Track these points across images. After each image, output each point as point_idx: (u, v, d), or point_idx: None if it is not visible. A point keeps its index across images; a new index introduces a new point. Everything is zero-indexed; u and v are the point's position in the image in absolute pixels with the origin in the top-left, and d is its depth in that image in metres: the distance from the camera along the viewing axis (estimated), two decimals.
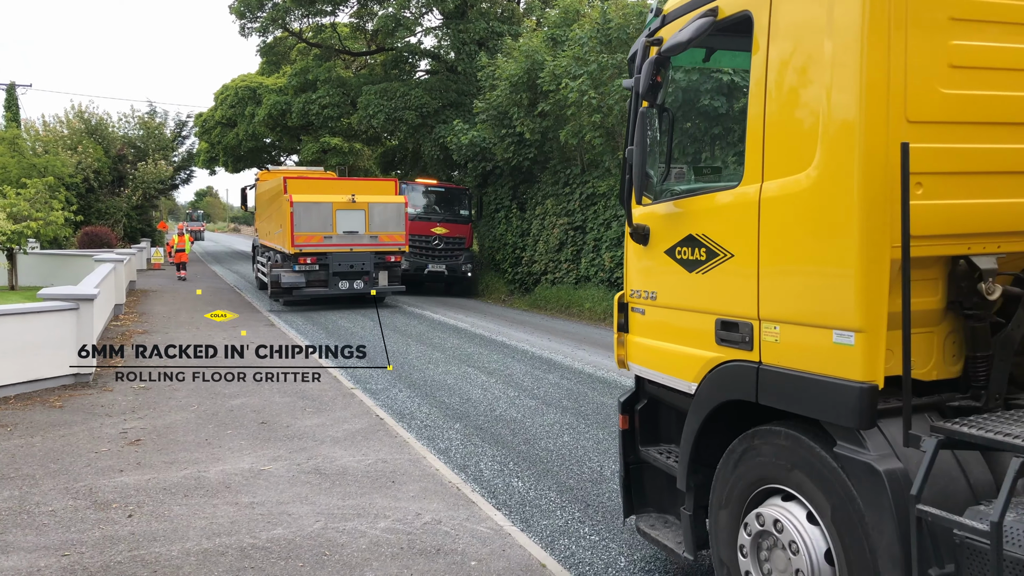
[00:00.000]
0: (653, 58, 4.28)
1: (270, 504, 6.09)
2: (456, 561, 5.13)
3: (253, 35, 34.47)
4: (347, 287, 19.30)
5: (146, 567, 4.97)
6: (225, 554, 5.17)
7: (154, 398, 9.58)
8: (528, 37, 22.77)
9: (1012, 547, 2.78)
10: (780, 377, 3.67)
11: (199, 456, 7.30)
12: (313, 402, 9.48)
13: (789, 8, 3.62)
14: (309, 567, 5.00)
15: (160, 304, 20.11)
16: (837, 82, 3.32)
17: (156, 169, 39.69)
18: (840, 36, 3.30)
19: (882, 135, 3.22)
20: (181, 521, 5.73)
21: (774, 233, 3.69)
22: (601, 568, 5.25)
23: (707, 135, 5.30)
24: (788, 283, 3.65)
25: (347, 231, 19.26)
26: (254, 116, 37.29)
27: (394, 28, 29.92)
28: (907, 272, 3.10)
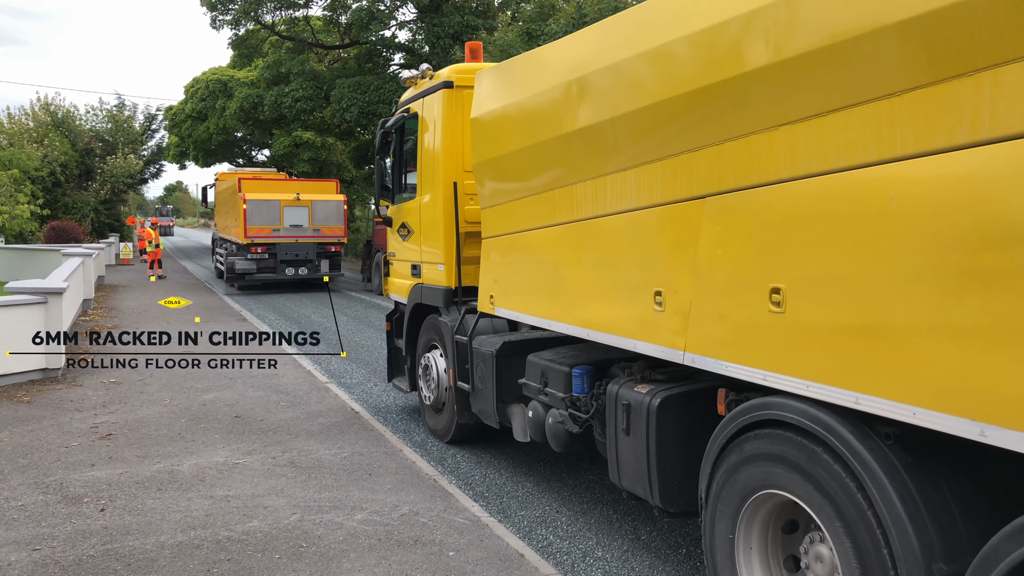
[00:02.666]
0: (380, 130, 8.54)
1: (245, 497, 6.04)
2: (434, 552, 5.12)
3: (225, 28, 33.97)
4: (293, 273, 22.41)
5: (119, 560, 4.91)
6: (200, 547, 5.12)
7: (125, 392, 9.45)
8: (503, 31, 22.77)
9: (478, 346, 6.69)
10: (428, 289, 7.84)
11: (172, 450, 7.22)
12: (287, 396, 9.41)
13: (426, 113, 7.75)
14: (286, 559, 4.97)
15: (130, 299, 19.86)
16: (441, 150, 7.42)
17: (125, 163, 39.08)
18: (439, 130, 7.45)
19: (452, 177, 7.32)
20: (155, 515, 5.66)
21: (423, 221, 7.86)
22: (578, 557, 5.27)
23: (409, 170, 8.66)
24: (428, 243, 7.81)
25: (293, 225, 22.23)
26: (225, 109, 36.84)
27: (368, 21, 29.70)
28: (458, 239, 7.25)
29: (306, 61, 33.15)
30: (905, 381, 2.96)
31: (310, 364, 11.56)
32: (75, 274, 14.76)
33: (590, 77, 4.92)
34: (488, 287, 6.62)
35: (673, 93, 4.17)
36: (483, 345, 6.64)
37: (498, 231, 6.41)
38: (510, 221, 6.21)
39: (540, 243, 5.77)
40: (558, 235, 5.48)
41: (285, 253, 22.24)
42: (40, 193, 30.92)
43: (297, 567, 4.87)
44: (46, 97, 40.93)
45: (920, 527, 2.99)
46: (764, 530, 3.95)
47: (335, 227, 22.98)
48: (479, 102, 6.47)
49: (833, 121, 3.26)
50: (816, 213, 3.40)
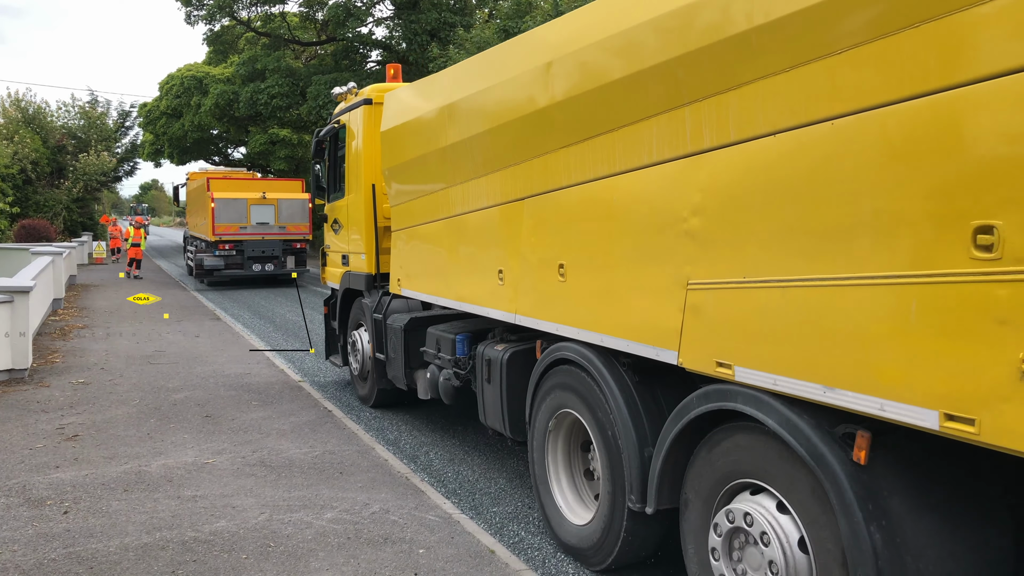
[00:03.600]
0: (315, 138, 9.91)
1: (213, 497, 5.95)
2: (404, 550, 5.07)
3: (200, 23, 33.76)
4: (260, 269, 23.24)
5: (82, 564, 4.81)
6: (165, 548, 5.04)
7: (94, 393, 9.31)
8: (480, 28, 22.72)
9: (391, 323, 7.86)
10: (354, 276, 9.05)
11: (140, 450, 7.11)
12: (259, 395, 9.32)
13: (352, 124, 8.95)
14: (253, 559, 4.90)
15: (102, 299, 19.60)
16: (362, 157, 8.64)
17: (98, 160, 38.57)
18: (360, 139, 8.66)
19: (371, 180, 8.53)
20: (120, 516, 5.57)
21: (350, 217, 9.10)
22: (550, 552, 5.24)
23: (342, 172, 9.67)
24: (353, 236, 9.05)
25: (260, 222, 22.95)
26: (200, 106, 36.52)
27: (345, 18, 29.57)
28: (377, 232, 8.50)
29: (282, 58, 32.93)
30: (626, 324, 4.41)
31: (283, 362, 11.46)
32: (44, 273, 14.54)
33: (456, 104, 6.27)
34: (396, 272, 7.92)
35: (501, 121, 5.57)
36: (395, 322, 7.87)
37: (402, 225, 7.69)
38: (410, 217, 7.47)
39: (430, 235, 7.08)
40: (441, 228, 6.82)
41: (252, 250, 23.03)
42: (10, 191, 30.46)
43: (264, 567, 4.79)
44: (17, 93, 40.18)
45: (639, 424, 4.47)
46: (567, 449, 5.38)
47: (300, 224, 23.69)
48: (387, 118, 7.75)
49: (590, 145, 4.64)
50: (579, 209, 4.81)
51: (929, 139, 2.78)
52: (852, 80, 3.04)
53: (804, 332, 3.25)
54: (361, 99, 8.73)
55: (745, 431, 3.66)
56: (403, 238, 7.69)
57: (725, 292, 3.67)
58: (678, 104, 3.92)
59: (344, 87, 9.44)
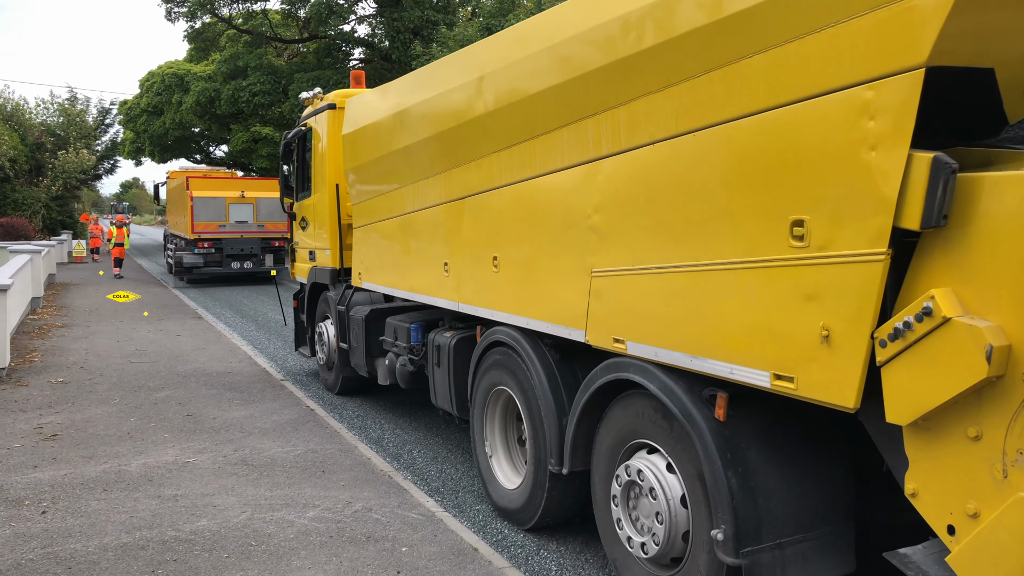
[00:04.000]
0: (284, 140, 10.37)
1: (194, 496, 5.91)
2: (386, 548, 5.05)
3: (180, 20, 33.41)
4: (239, 267, 23.40)
5: (60, 564, 4.76)
6: (145, 548, 4.99)
7: (73, 392, 9.22)
8: (463, 27, 22.68)
9: (353, 314, 8.39)
10: (320, 271, 9.48)
11: (120, 450, 7.05)
12: (241, 394, 9.26)
13: (317, 128, 9.39)
14: (235, 558, 4.86)
15: (81, 297, 19.41)
16: (327, 158, 9.04)
17: (77, 158, 38.13)
18: (325, 142, 9.10)
19: (335, 180, 8.88)
20: (99, 516, 5.51)
21: (316, 215, 9.56)
22: (532, 550, 5.25)
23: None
24: (319, 233, 9.50)
25: (238, 221, 23.26)
26: (181, 104, 36.20)
27: (327, 15, 29.42)
28: (340, 229, 8.94)
29: (264, 55, 32.71)
30: (545, 309, 5.03)
31: (265, 361, 11.39)
32: (22, 271, 14.38)
33: (407, 110, 6.88)
34: (357, 266, 8.48)
35: (444, 127, 6.17)
36: (357, 313, 8.39)
37: (362, 222, 8.24)
38: (368, 215, 8.05)
39: (386, 231, 7.68)
40: (396, 225, 7.42)
41: (231, 248, 23.28)
42: None
43: (245, 566, 4.77)
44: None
45: (558, 396, 5.08)
46: (503, 422, 6.02)
47: (279, 223, 23.51)
48: (348, 122, 8.26)
49: (515, 151, 5.28)
50: (508, 208, 5.44)
51: (759, 149, 3.43)
52: (706, 99, 3.67)
53: (675, 310, 3.94)
54: (326, 104, 9.27)
55: (638, 397, 4.32)
56: (363, 234, 8.27)
57: (619, 278, 4.35)
58: (582, 116, 4.58)
59: (311, 92, 9.99)
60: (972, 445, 2.86)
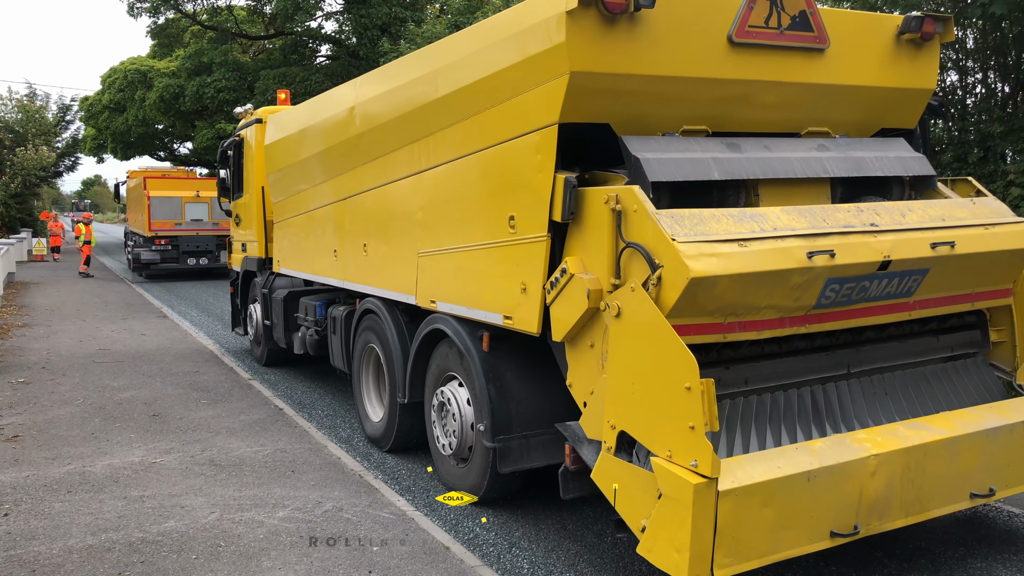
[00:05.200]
0: (220, 148, 11.99)
1: (162, 497, 5.83)
2: (358, 547, 5.03)
3: (143, 15, 32.83)
4: (194, 263, 24.59)
5: (23, 567, 4.68)
6: (111, 550, 4.92)
7: (35, 392, 9.04)
8: (431, 24, 22.56)
9: (275, 296, 9.94)
10: (249, 260, 11.06)
11: (84, 451, 6.93)
12: (208, 393, 9.15)
13: (248, 138, 10.87)
14: (203, 559, 4.81)
15: (42, 296, 19.05)
16: (254, 165, 10.67)
17: (37, 155, 37.31)
18: (253, 151, 10.68)
19: (260, 183, 10.47)
20: (63, 518, 5.42)
21: (246, 213, 11.09)
22: (505, 548, 5.25)
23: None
24: (249, 228, 11.03)
25: (194, 219, 24.40)
26: (144, 100, 35.64)
27: (293, 12, 29.11)
28: (265, 224, 10.46)
29: (229, 51, 32.30)
30: (394, 282, 6.74)
31: (232, 360, 11.27)
32: None
33: (307, 128, 8.59)
34: (276, 255, 10.10)
35: (331, 143, 7.97)
36: (277, 295, 9.91)
37: (280, 218, 9.88)
38: (284, 212, 9.69)
39: (296, 225, 9.33)
40: (303, 220, 9.06)
41: (187, 245, 24.40)
42: None
43: (214, 567, 4.71)
44: None
45: (404, 347, 6.66)
46: (373, 372, 7.63)
47: None
48: (269, 135, 9.87)
49: (375, 164, 7.04)
50: (372, 206, 7.24)
51: (492, 168, 5.32)
52: (466, 137, 5.59)
53: (458, 276, 5.77)
54: (254, 119, 10.80)
55: (446, 342, 6.03)
56: (280, 228, 9.95)
57: (432, 257, 6.14)
58: (410, 141, 6.34)
59: (243, 107, 11.76)
60: (591, 351, 4.56)
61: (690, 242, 4.09)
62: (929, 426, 4.71)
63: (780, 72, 5.08)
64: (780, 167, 4.99)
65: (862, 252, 4.52)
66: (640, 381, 4.08)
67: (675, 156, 4.70)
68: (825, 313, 4.66)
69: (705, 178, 4.72)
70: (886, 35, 5.47)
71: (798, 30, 5.03)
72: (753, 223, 4.42)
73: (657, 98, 4.86)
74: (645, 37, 4.63)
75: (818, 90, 5.29)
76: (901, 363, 5.37)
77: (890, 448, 4.38)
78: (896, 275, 4.72)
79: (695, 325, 4.21)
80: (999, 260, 5.14)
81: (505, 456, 5.32)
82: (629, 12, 4.51)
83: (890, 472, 4.35)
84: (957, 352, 5.58)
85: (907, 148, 5.67)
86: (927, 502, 4.57)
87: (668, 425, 3.91)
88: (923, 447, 4.50)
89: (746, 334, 4.44)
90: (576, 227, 4.62)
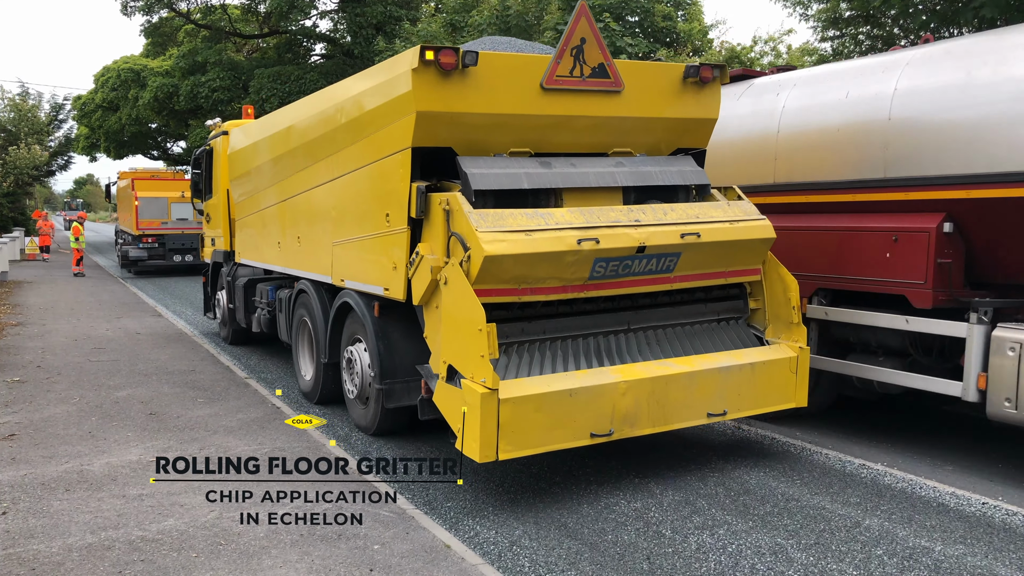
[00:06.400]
0: (194, 156, 13.82)
1: (160, 495, 5.82)
2: (358, 545, 5.02)
3: (137, 14, 32.78)
4: (180, 259, 25.80)
5: (23, 565, 4.66)
6: (112, 548, 4.90)
7: (30, 391, 9.00)
8: (427, 22, 22.53)
9: (237, 283, 11.46)
10: (217, 252, 12.75)
11: (82, 449, 6.91)
12: (205, 392, 9.12)
13: (216, 148, 12.44)
14: (204, 557, 4.80)
15: (36, 295, 18.97)
16: (221, 171, 12.26)
17: (29, 154, 37.13)
18: (220, 159, 12.24)
19: (225, 187, 11.94)
20: (62, 517, 5.40)
21: (215, 212, 12.71)
22: (506, 546, 5.25)
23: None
24: (217, 225, 12.66)
25: (179, 218, 25.56)
26: (138, 99, 35.50)
27: (288, 10, 29.07)
28: (231, 222, 11.94)
29: (223, 50, 32.20)
30: (319, 267, 8.36)
31: (228, 359, 11.25)
32: None
33: (259, 141, 10.19)
34: (238, 248, 11.73)
35: (275, 155, 9.54)
36: (239, 282, 11.43)
37: (240, 216, 11.44)
38: (242, 211, 11.28)
39: (251, 222, 10.95)
40: (256, 218, 10.67)
41: (173, 243, 25.70)
42: None
43: (215, 565, 4.70)
44: None
45: (325, 318, 8.22)
46: (307, 340, 9.14)
47: None
48: (231, 145, 11.58)
49: (303, 173, 8.65)
50: (302, 207, 8.81)
51: (374, 179, 6.98)
52: (353, 157, 7.38)
53: (357, 260, 7.45)
54: (221, 131, 12.43)
55: (352, 312, 7.66)
56: (240, 225, 11.55)
57: (340, 245, 7.81)
58: (325, 156, 8.06)
59: (212, 121, 13.35)
60: (436, 311, 6.12)
61: (488, 232, 5.74)
62: (674, 364, 6.46)
63: (585, 109, 6.65)
64: (579, 179, 6.61)
65: (623, 240, 6.15)
66: (457, 328, 5.77)
67: (495, 171, 6.30)
68: (599, 283, 6.28)
69: (517, 187, 6.29)
70: (673, 79, 7.04)
71: (598, 77, 6.60)
72: (541, 219, 6.07)
73: (487, 129, 6.43)
74: (474, 85, 6.18)
75: (617, 121, 6.86)
76: (674, 323, 6.99)
77: (638, 377, 6.14)
78: (653, 256, 6.35)
79: (495, 290, 5.86)
80: (742, 247, 6.84)
81: (390, 395, 6.97)
82: (459, 68, 6.06)
83: (638, 394, 6.08)
84: (723, 316, 7.27)
85: (691, 164, 7.24)
86: (671, 418, 6.32)
87: (470, 356, 5.60)
88: (666, 378, 6.25)
89: (536, 296, 6.10)
90: (426, 222, 6.29)
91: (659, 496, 6.16)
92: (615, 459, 6.99)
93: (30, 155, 37.07)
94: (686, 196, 7.13)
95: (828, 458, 7.13)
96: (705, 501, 6.07)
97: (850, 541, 5.36)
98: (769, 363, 6.80)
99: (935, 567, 5.02)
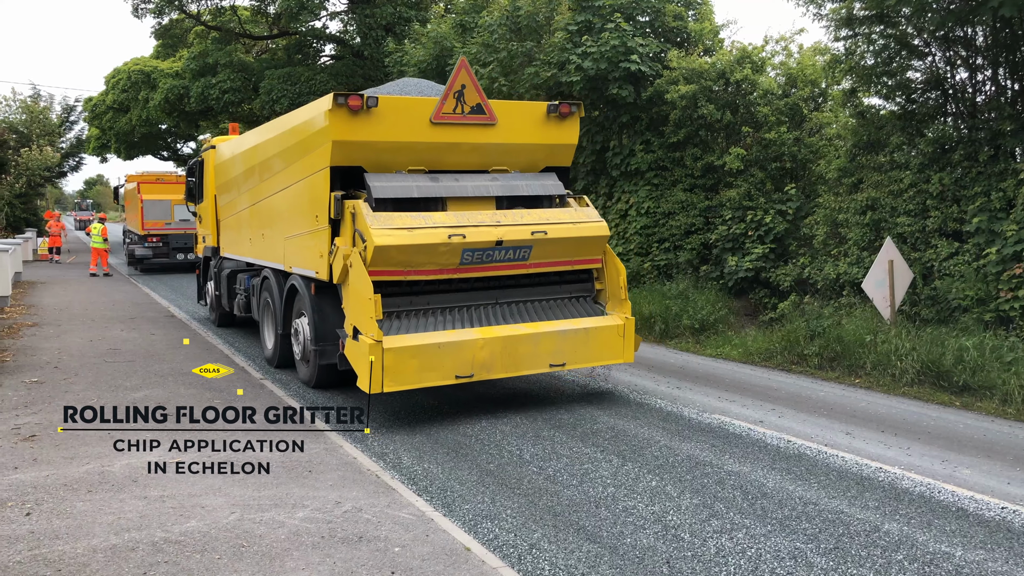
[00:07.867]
0: (188, 166, 16.94)
1: (181, 497, 5.86)
2: (379, 548, 5.05)
3: (147, 16, 32.84)
4: (183, 258, 27.15)
5: (49, 566, 4.70)
6: (135, 549, 4.94)
7: (48, 392, 9.07)
8: (437, 23, 22.55)
9: (223, 274, 14.02)
10: (207, 248, 15.06)
11: (101, 450, 6.95)
12: (221, 394, 9.17)
13: (206, 159, 14.67)
14: (227, 559, 4.83)
15: (50, 296, 19.08)
16: (209, 179, 14.50)
17: (41, 155, 37.25)
18: (210, 169, 14.44)
19: (213, 192, 14.28)
20: (85, 518, 5.44)
21: (205, 213, 15.01)
22: (525, 549, 5.27)
23: None
24: (206, 225, 14.96)
25: (182, 219, 26.32)
26: (149, 101, 35.71)
27: (298, 11, 29.15)
28: (217, 222, 14.24)
29: (234, 52, 32.31)
30: (277, 257, 10.46)
31: (243, 359, 11.29)
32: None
33: (236, 155, 12.22)
34: (222, 244, 13.89)
35: (246, 167, 11.69)
36: (223, 272, 13.50)
37: (224, 216, 13.55)
38: (226, 212, 13.40)
39: (231, 222, 13.00)
40: (235, 218, 12.70)
41: (176, 242, 27.18)
42: None
43: (239, 567, 4.74)
44: None
45: (280, 298, 10.39)
46: (270, 317, 11.08)
47: None
48: (217, 157, 13.75)
49: (266, 182, 10.77)
50: (265, 210, 10.94)
51: (309, 189, 9.02)
52: (299, 170, 9.32)
53: (299, 250, 9.43)
54: (210, 145, 14.56)
55: (297, 292, 9.66)
56: (224, 224, 13.70)
57: (289, 240, 9.72)
58: (280, 170, 10.00)
59: (204, 136, 15.13)
60: (348, 287, 8.06)
61: (379, 229, 7.85)
62: (524, 327, 8.51)
63: (466, 137, 8.75)
64: (460, 190, 8.63)
65: (485, 235, 8.28)
66: (358, 299, 7.85)
67: (393, 184, 8.36)
68: (468, 267, 8.40)
69: (409, 196, 8.34)
70: (538, 114, 9.17)
71: (476, 114, 8.68)
72: (423, 220, 8.16)
73: (389, 152, 8.49)
74: (377, 120, 8.25)
75: (493, 147, 8.98)
76: (534, 299, 9.04)
77: (493, 336, 8.22)
78: (510, 248, 8.47)
79: (386, 271, 7.97)
80: (583, 242, 8.94)
81: (323, 354, 8.97)
82: (365, 109, 8.11)
83: (493, 348, 8.16)
84: (576, 295, 9.34)
85: (553, 179, 9.30)
86: (520, 366, 8.43)
87: (364, 318, 7.72)
88: (516, 336, 8.34)
89: (418, 276, 8.21)
90: (342, 222, 8.33)
91: (677, 499, 6.18)
92: (631, 462, 7.01)
93: (42, 157, 37.20)
94: (549, 204, 9.14)
95: (845, 461, 7.14)
96: (723, 505, 6.08)
97: (869, 546, 5.36)
98: (600, 328, 8.85)
99: (956, 573, 5.02)
